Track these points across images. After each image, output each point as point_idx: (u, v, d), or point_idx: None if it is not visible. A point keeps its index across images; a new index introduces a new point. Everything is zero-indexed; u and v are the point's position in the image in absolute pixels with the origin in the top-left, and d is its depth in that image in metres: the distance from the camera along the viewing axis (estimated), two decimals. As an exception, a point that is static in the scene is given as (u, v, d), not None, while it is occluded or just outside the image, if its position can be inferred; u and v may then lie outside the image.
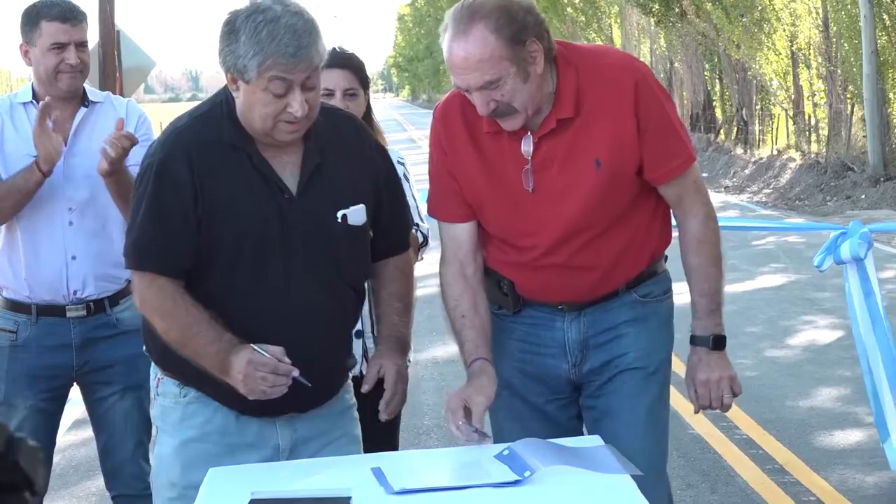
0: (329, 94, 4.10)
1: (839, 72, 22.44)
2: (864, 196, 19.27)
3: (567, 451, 3.03)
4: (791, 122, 25.82)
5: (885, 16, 20.17)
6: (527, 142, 3.28)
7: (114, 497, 4.39)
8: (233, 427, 3.18)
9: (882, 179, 19.67)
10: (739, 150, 27.50)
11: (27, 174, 4.02)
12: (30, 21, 4.11)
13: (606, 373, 3.46)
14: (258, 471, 3.05)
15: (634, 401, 3.45)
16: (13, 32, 4.18)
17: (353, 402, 3.39)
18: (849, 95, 22.26)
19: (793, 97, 25.11)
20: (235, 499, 2.76)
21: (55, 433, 4.33)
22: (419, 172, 4.14)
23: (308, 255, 3.11)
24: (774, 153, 25.94)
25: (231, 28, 2.97)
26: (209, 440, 3.19)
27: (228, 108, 3.07)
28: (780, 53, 24.55)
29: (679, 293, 3.55)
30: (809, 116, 24.95)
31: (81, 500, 6.14)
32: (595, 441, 3.20)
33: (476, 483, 2.84)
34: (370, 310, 3.70)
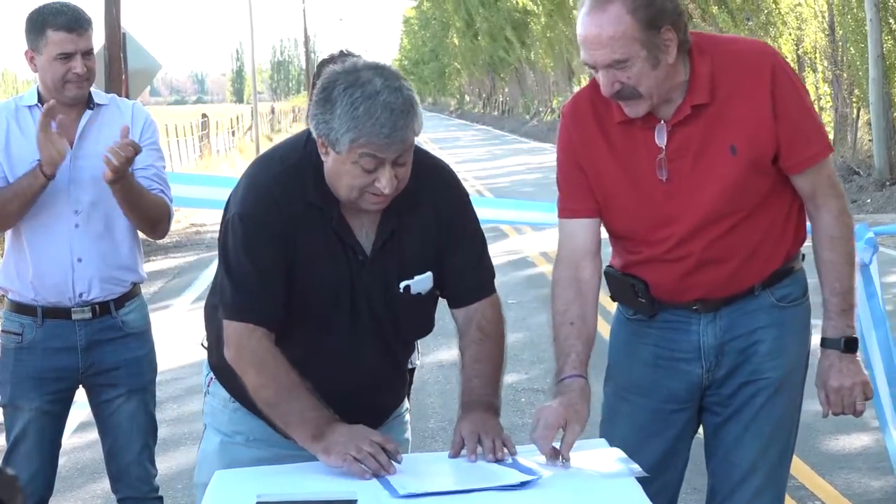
0: None
1: (845, 75, 22.44)
2: (870, 200, 19.24)
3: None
4: (797, 126, 25.76)
5: (892, 20, 20.15)
6: (660, 131, 3.23)
7: (119, 500, 4.38)
8: (279, 437, 3.17)
9: (888, 183, 19.64)
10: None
11: (31, 178, 4.02)
12: (35, 28, 4.08)
13: (739, 379, 3.39)
14: (264, 473, 3.04)
15: (762, 413, 3.38)
16: (19, 35, 4.16)
17: (406, 408, 3.38)
18: (854, 99, 22.26)
19: (798, 101, 25.05)
20: (241, 501, 2.76)
21: (61, 435, 4.33)
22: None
23: (371, 315, 3.11)
24: (780, 157, 25.87)
25: (327, 96, 2.89)
26: (255, 445, 3.21)
27: (315, 164, 3.01)
28: (786, 57, 24.46)
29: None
30: (815, 120, 24.89)
31: (87, 503, 6.14)
32: (601, 444, 3.20)
33: (482, 486, 2.83)
34: None
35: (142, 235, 4.31)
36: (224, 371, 3.20)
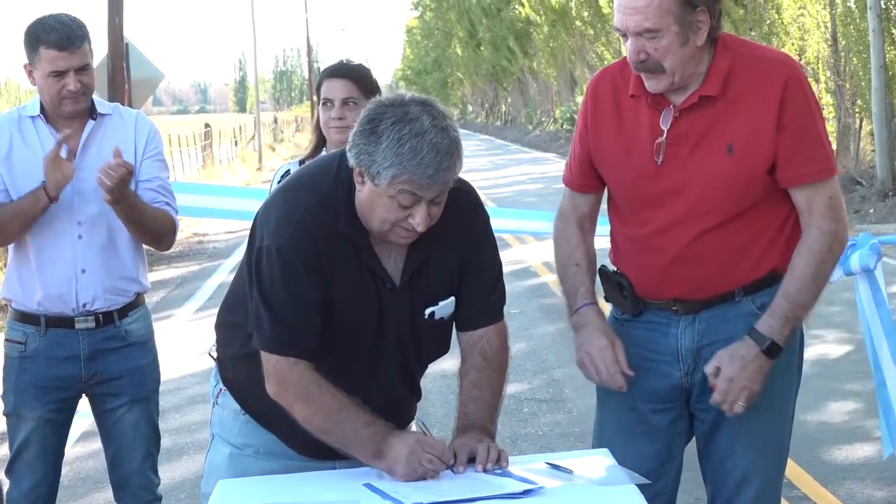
0: (328, 105, 4.14)
1: (848, 86, 22.44)
2: (873, 210, 19.23)
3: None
4: (799, 136, 25.76)
5: (894, 30, 20.15)
6: (667, 114, 3.29)
7: (122, 509, 4.39)
8: (289, 450, 3.20)
9: (890, 194, 19.61)
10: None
11: (34, 199, 4.02)
12: (30, 44, 4.07)
13: None
14: (268, 482, 3.05)
15: (753, 420, 3.36)
16: (21, 45, 4.14)
17: (412, 418, 3.39)
18: (857, 109, 22.26)
19: (801, 111, 25.06)
20: (244, 510, 2.77)
21: (64, 444, 4.33)
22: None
23: (397, 340, 3.12)
24: (783, 167, 25.86)
25: (373, 128, 2.88)
26: (265, 458, 3.21)
27: (348, 195, 3.00)
28: (789, 67, 24.49)
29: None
30: (818, 130, 24.89)
31: (89, 512, 6.15)
32: (603, 453, 3.20)
33: (485, 495, 2.84)
34: None
35: (145, 245, 4.32)
36: (239, 386, 3.22)
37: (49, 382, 4.18)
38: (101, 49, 16.38)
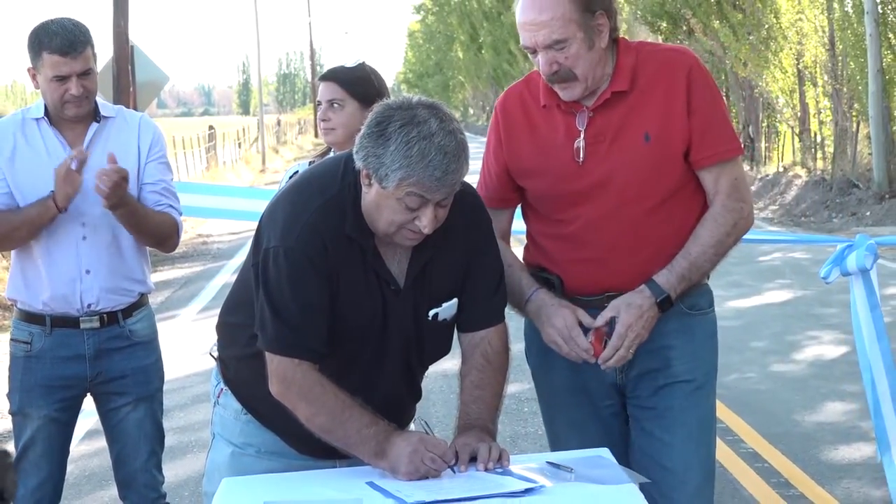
0: (319, 105, 4.20)
1: (845, 90, 22.43)
2: (869, 213, 19.25)
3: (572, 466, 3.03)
4: (797, 140, 25.81)
5: (891, 34, 20.16)
6: (581, 116, 3.37)
7: (127, 507, 4.39)
8: (290, 449, 3.20)
9: (887, 196, 19.64)
10: (746, 167, 27.44)
11: (41, 208, 4.03)
12: (33, 48, 4.06)
13: (654, 383, 3.48)
14: (271, 481, 3.05)
15: (687, 414, 3.47)
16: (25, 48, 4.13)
17: (412, 419, 3.39)
18: (854, 113, 22.25)
19: (799, 115, 25.10)
20: (248, 508, 2.77)
21: (69, 443, 4.33)
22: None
23: (400, 341, 3.12)
24: (780, 170, 25.91)
25: (381, 131, 2.88)
26: (267, 457, 3.22)
27: (354, 197, 3.00)
28: (787, 71, 24.54)
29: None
30: (815, 134, 24.94)
31: (94, 510, 6.15)
32: (603, 452, 3.20)
33: (487, 493, 2.84)
34: None
35: (151, 248, 4.32)
36: (241, 386, 3.22)
37: (54, 381, 4.18)
38: (107, 52, 16.39)
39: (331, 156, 4.05)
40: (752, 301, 11.83)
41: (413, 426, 3.34)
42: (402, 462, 2.93)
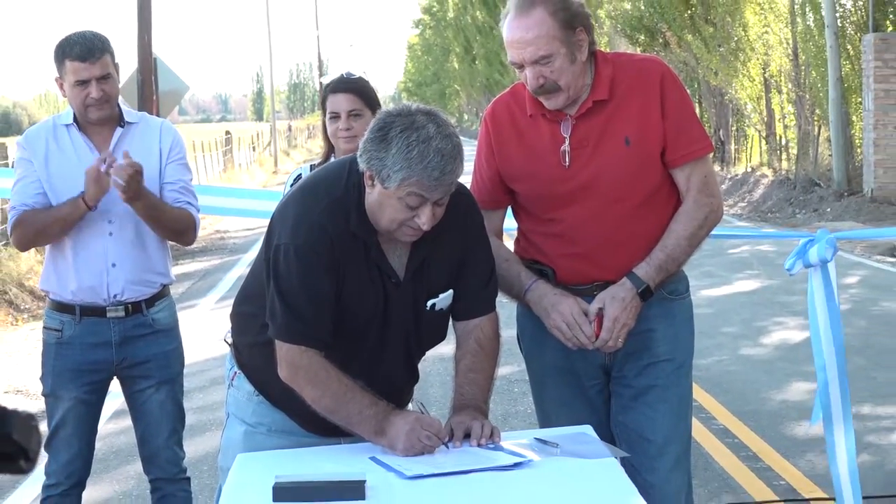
0: (335, 117, 4.10)
1: (807, 97, 22.45)
2: (830, 209, 19.26)
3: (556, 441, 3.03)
4: (764, 142, 25.82)
5: (849, 46, 20.20)
6: (566, 123, 3.38)
7: (151, 480, 4.38)
8: (299, 428, 3.19)
9: (846, 194, 19.69)
10: (717, 167, 27.46)
11: (72, 207, 4.02)
12: (57, 59, 4.08)
13: (639, 363, 3.48)
14: (282, 457, 3.05)
15: (669, 391, 3.48)
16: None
17: (410, 399, 3.37)
18: (816, 118, 22.27)
19: (765, 119, 25.11)
20: (261, 481, 2.76)
21: (97, 422, 4.32)
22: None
23: (400, 330, 3.11)
24: (748, 170, 25.92)
25: (383, 135, 2.88)
26: (277, 435, 3.20)
27: (358, 197, 2.99)
28: (754, 80, 24.54)
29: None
30: (780, 137, 24.96)
31: (122, 483, 6.15)
32: (586, 429, 3.20)
33: (479, 467, 2.84)
34: None
35: (170, 241, 4.31)
36: (254, 370, 3.21)
37: (83, 366, 4.17)
38: (132, 63, 16.38)
39: (333, 160, 4.03)
40: (723, 290, 11.83)
41: (411, 406, 3.34)
42: (400, 439, 2.92)
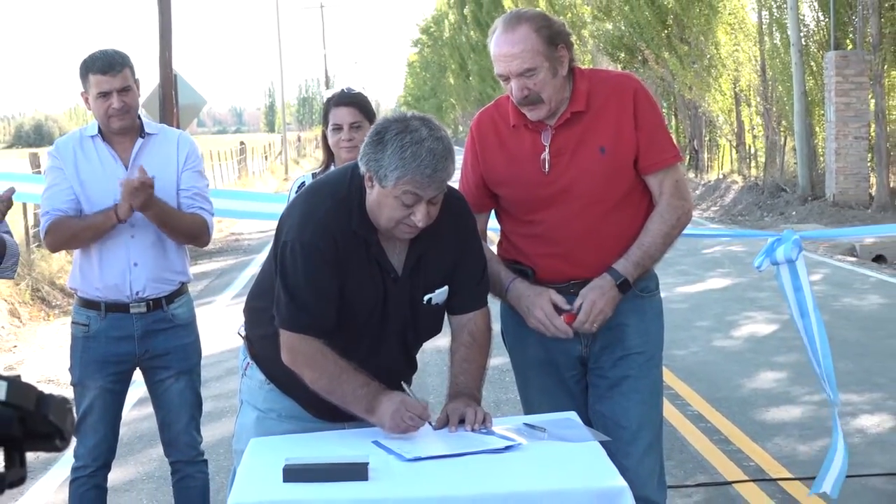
0: (338, 128, 4.08)
1: (774, 109, 22.51)
2: (795, 213, 19.30)
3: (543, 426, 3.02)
4: (734, 151, 25.85)
5: (813, 63, 20.24)
6: (546, 133, 3.39)
7: (171, 462, 4.37)
8: (307, 413, 3.19)
9: (809, 199, 19.77)
10: (691, 175, 27.49)
11: (104, 218, 4.02)
12: (82, 74, 4.09)
13: (613, 355, 3.48)
14: (292, 441, 3.04)
15: (640, 382, 3.47)
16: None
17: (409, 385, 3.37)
18: (782, 129, 22.31)
19: (736, 130, 25.14)
20: (273, 463, 2.75)
21: (121, 409, 4.31)
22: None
23: (398, 323, 3.10)
24: (720, 177, 25.96)
25: (380, 138, 2.89)
26: (286, 420, 3.20)
27: (360, 198, 2.99)
28: (725, 94, 24.57)
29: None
30: (749, 146, 24.99)
31: (145, 465, 6.14)
32: (571, 415, 3.19)
33: (472, 450, 2.83)
34: None
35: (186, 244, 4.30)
36: (265, 360, 3.21)
37: (108, 358, 4.16)
38: (153, 79, 16.35)
39: (334, 168, 4.02)
40: (697, 287, 11.83)
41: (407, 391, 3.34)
42: (387, 418, 2.93)
